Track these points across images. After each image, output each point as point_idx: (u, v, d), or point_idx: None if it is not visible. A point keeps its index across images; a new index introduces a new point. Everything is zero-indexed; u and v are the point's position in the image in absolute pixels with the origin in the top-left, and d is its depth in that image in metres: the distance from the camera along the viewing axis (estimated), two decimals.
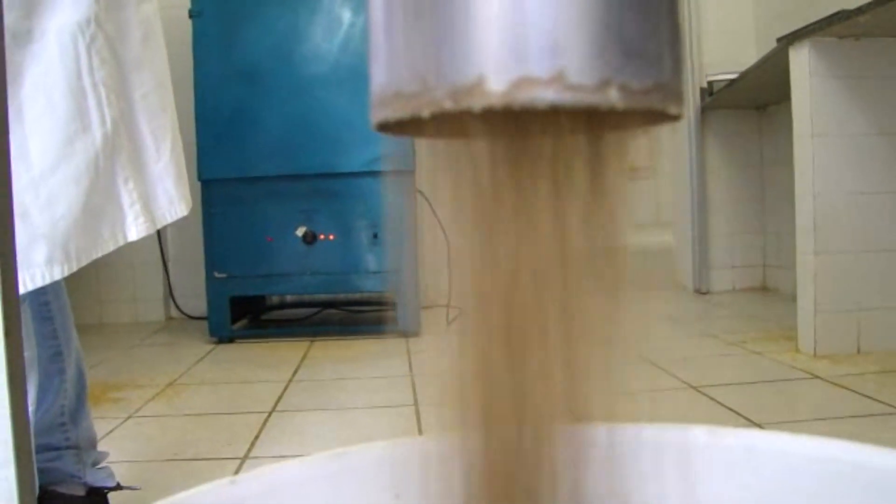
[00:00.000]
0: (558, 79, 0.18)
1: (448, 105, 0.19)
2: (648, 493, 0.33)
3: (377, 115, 0.22)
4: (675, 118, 0.20)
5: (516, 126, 0.25)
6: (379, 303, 2.57)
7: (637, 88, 0.19)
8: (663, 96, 0.19)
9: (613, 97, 0.18)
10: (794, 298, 1.98)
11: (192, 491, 0.32)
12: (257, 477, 0.33)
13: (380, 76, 0.21)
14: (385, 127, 0.22)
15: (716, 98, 2.83)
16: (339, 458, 0.34)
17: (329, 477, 0.34)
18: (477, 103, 0.18)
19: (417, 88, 0.20)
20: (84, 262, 0.88)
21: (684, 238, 3.06)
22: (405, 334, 2.29)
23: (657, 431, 0.35)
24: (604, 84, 0.18)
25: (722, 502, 0.36)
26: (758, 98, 2.81)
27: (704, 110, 2.94)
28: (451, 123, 0.22)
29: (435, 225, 0.31)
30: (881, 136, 1.89)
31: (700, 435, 0.36)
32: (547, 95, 0.18)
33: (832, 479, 0.33)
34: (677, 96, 0.20)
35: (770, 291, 2.94)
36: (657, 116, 0.20)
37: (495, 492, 0.33)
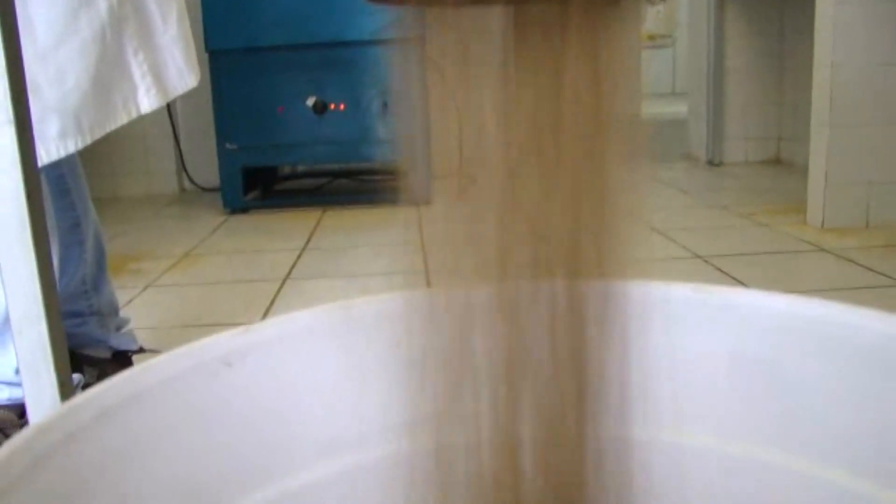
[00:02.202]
0: None
1: None
2: (634, 347, 0.35)
3: None
4: None
5: None
6: (389, 172, 2.58)
7: None
8: None
9: None
10: (807, 171, 1.98)
11: (213, 337, 0.34)
12: (269, 326, 0.35)
13: None
14: None
15: None
16: (345, 309, 0.37)
17: (335, 325, 0.37)
18: None
19: None
20: (98, 135, 0.89)
21: (698, 108, 3.01)
22: (416, 202, 2.31)
23: (644, 287, 0.38)
24: None
25: (701, 353, 0.39)
26: None
27: None
28: None
29: (445, 92, 0.32)
30: None
31: (685, 291, 0.39)
32: None
33: (797, 333, 0.36)
34: None
35: (783, 164, 2.93)
36: None
37: (493, 342, 0.36)
